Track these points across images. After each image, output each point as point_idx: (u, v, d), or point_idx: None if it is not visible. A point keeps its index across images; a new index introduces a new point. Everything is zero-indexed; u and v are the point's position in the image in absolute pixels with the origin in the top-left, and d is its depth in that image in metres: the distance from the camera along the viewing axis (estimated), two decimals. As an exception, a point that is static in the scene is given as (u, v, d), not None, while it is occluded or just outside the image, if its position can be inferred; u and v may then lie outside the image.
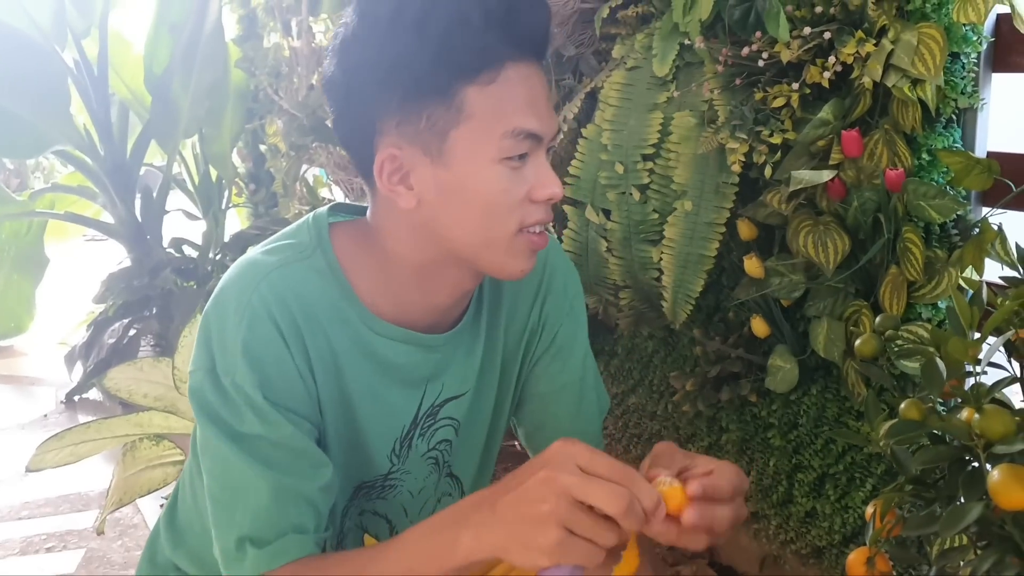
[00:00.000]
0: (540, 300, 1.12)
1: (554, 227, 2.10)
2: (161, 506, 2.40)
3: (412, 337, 1.00)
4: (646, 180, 1.84)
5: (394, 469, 1.06)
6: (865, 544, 0.90)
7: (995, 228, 1.23)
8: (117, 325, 3.24)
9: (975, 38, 1.34)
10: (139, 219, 3.58)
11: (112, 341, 3.16)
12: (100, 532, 1.85)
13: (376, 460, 1.04)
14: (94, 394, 3.38)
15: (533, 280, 1.12)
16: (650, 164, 1.83)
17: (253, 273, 0.94)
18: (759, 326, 1.69)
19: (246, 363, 0.91)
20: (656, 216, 1.86)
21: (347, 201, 3.27)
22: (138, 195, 3.60)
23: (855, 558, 0.90)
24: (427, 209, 0.93)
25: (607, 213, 1.95)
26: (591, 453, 0.76)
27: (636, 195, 1.86)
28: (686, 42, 1.73)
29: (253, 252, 0.98)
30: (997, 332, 0.87)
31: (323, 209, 1.02)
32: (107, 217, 3.68)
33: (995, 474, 0.74)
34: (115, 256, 3.75)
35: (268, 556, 0.90)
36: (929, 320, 1.44)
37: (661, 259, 1.86)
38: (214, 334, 0.93)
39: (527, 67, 0.91)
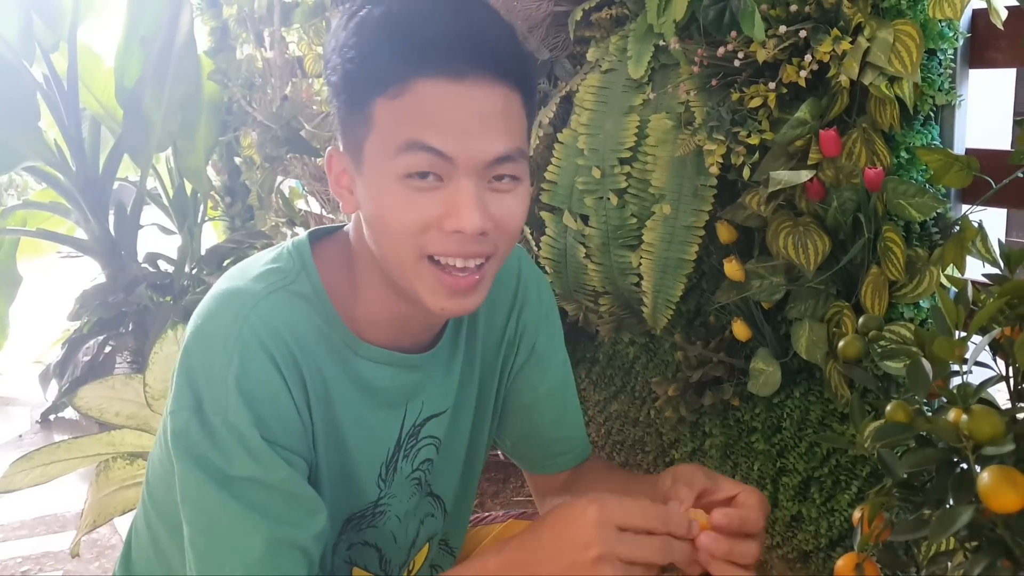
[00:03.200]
0: (516, 311, 1.11)
1: (532, 234, 2.08)
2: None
3: (394, 358, 0.98)
4: (623, 184, 1.83)
5: (382, 495, 1.03)
6: (853, 549, 0.89)
7: (975, 225, 1.22)
8: (92, 342, 3.19)
9: (951, 34, 1.33)
10: (113, 235, 3.53)
11: (87, 359, 3.12)
12: (75, 555, 1.81)
13: (366, 488, 1.01)
14: (70, 413, 3.33)
15: (508, 292, 1.10)
16: (627, 168, 1.82)
17: (240, 303, 0.89)
18: (740, 329, 1.67)
19: (240, 400, 0.85)
20: (634, 221, 1.84)
21: (324, 212, 3.27)
22: (111, 210, 3.55)
23: (844, 564, 0.88)
24: (365, 220, 0.91)
25: (585, 219, 1.93)
26: (622, 510, 0.78)
27: (614, 200, 1.84)
28: (661, 43, 1.71)
29: (232, 280, 0.93)
30: (982, 331, 0.86)
31: (302, 234, 0.99)
32: (81, 233, 3.63)
33: (985, 476, 0.72)
34: (89, 273, 3.70)
35: None
36: (911, 320, 1.43)
37: (640, 264, 1.84)
38: (199, 371, 0.87)
39: (446, 85, 0.83)
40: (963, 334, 0.86)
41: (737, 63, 1.52)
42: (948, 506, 0.77)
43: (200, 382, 0.87)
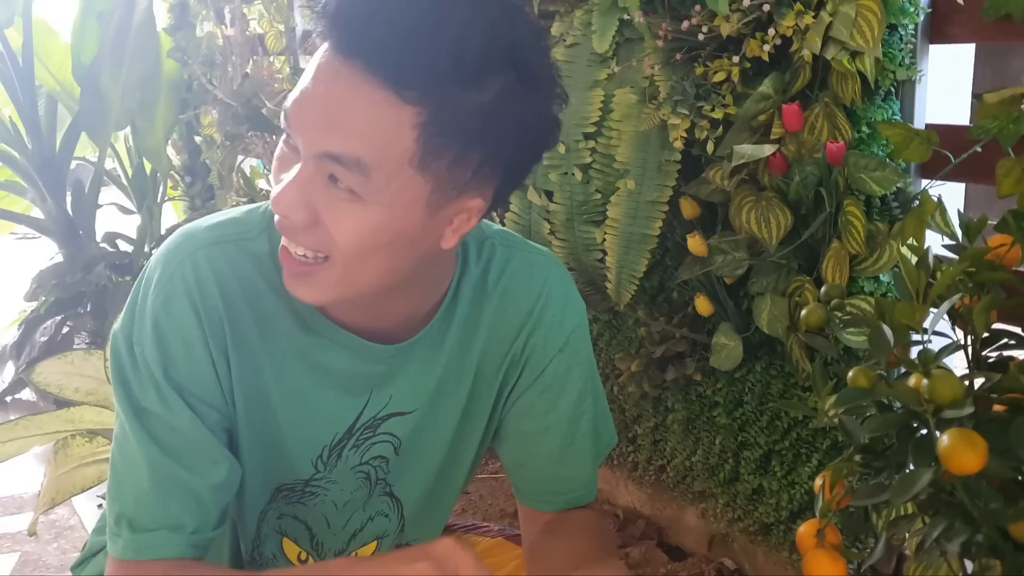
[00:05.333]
0: (527, 331, 1.00)
1: (497, 212, 2.07)
2: (100, 507, 2.34)
3: (354, 343, 0.93)
4: (588, 159, 1.83)
5: (317, 476, 0.99)
6: (815, 517, 0.89)
7: (935, 200, 1.23)
8: (49, 323, 3.14)
9: (912, 9, 1.34)
10: (71, 214, 3.47)
11: (44, 339, 3.07)
12: (32, 534, 1.78)
13: (297, 464, 0.98)
14: (27, 394, 3.27)
15: (523, 307, 1.00)
16: (592, 143, 1.82)
17: (184, 246, 0.89)
18: (703, 305, 1.68)
19: (154, 339, 0.87)
20: (599, 196, 1.84)
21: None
22: (69, 190, 3.49)
23: (805, 530, 0.89)
24: None
25: (549, 195, 1.93)
26: (477, 565, 0.75)
27: (578, 175, 1.84)
28: (625, 17, 1.71)
29: (199, 222, 0.92)
30: (941, 300, 0.87)
31: None
32: (37, 213, 3.57)
33: (944, 439, 0.73)
34: (47, 253, 3.64)
35: (137, 545, 0.87)
36: (872, 293, 1.44)
37: (605, 240, 1.85)
38: (139, 300, 0.89)
39: (328, 55, 0.77)
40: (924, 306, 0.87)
41: (701, 37, 1.52)
42: (908, 470, 0.78)
43: (135, 311, 0.89)
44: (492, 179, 0.84)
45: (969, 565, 0.79)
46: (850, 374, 0.84)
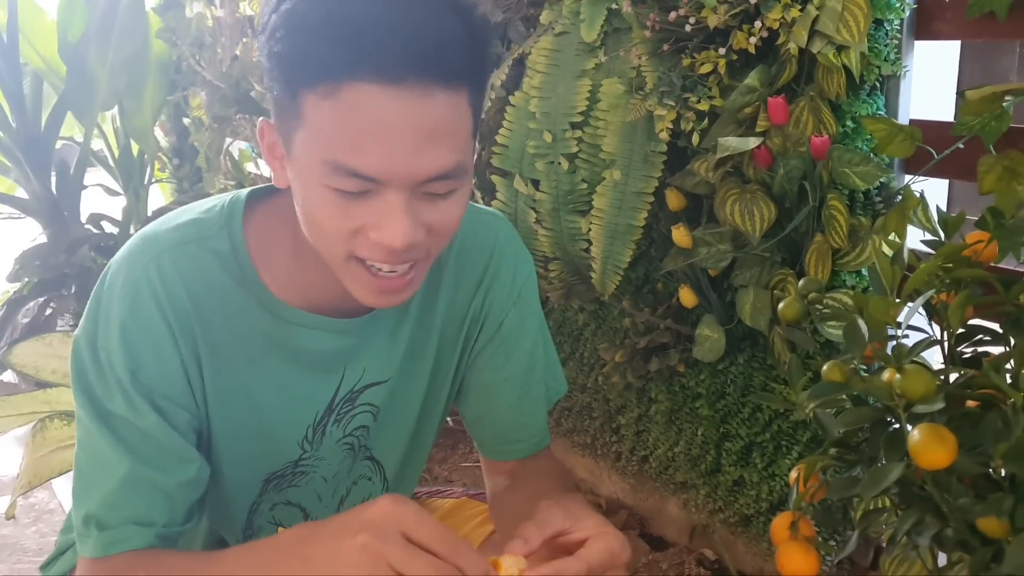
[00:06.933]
0: (484, 288, 1.05)
1: (483, 198, 2.07)
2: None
3: (321, 322, 0.95)
4: (575, 149, 1.83)
5: (305, 456, 1.02)
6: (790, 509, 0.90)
7: (917, 195, 1.23)
8: (32, 304, 3.12)
9: (898, 5, 1.34)
10: (55, 194, 3.45)
11: (27, 320, 3.05)
12: (11, 516, 1.78)
13: (285, 448, 1.01)
14: (8, 376, 3.26)
15: (477, 267, 1.05)
16: (579, 132, 1.81)
17: (146, 250, 0.90)
18: (687, 296, 1.68)
19: (120, 344, 0.87)
20: (585, 186, 1.84)
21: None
22: (54, 170, 3.47)
23: (779, 522, 0.90)
24: (297, 204, 0.87)
25: (536, 184, 1.93)
26: (418, 519, 0.72)
27: (565, 164, 1.84)
28: (614, 7, 1.71)
29: (156, 225, 0.93)
30: (916, 295, 0.87)
31: (245, 189, 0.96)
32: (21, 193, 3.54)
33: (915, 434, 0.73)
34: (30, 233, 3.62)
35: (106, 541, 0.88)
36: (853, 287, 1.45)
37: (590, 230, 1.85)
38: (102, 306, 0.90)
39: (379, 90, 0.75)
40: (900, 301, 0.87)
41: (688, 28, 1.52)
42: (880, 464, 0.79)
43: (100, 316, 0.90)
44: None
45: (943, 558, 0.80)
46: (824, 368, 0.85)
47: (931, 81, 1.46)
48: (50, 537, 2.19)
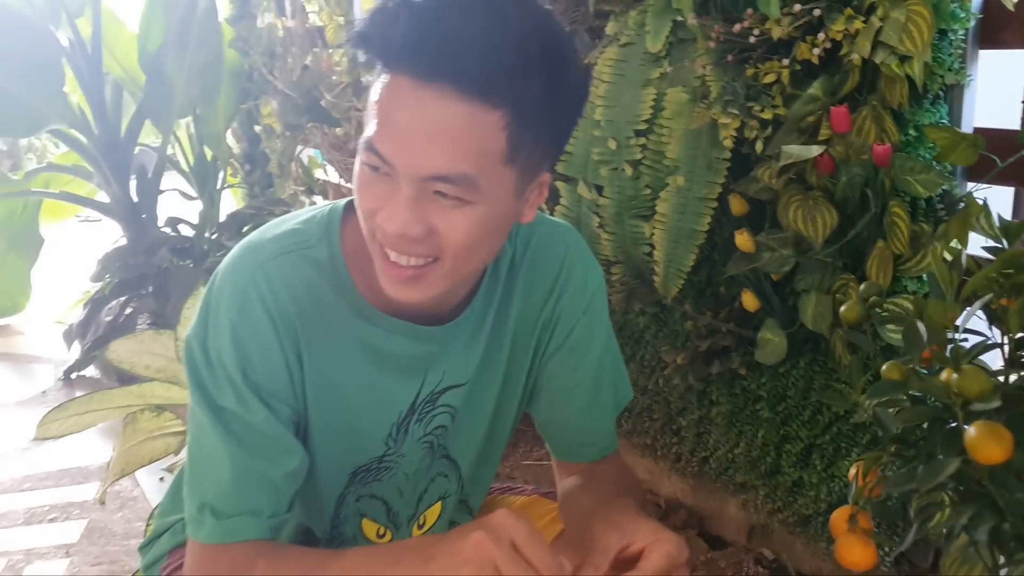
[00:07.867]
0: (555, 296, 1.10)
1: (547, 204, 2.12)
2: (161, 479, 2.44)
3: (407, 328, 1.01)
4: (639, 156, 1.87)
5: (389, 452, 1.09)
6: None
7: (980, 203, 1.25)
8: (114, 303, 3.25)
9: (963, 15, 1.36)
10: (134, 199, 3.58)
11: (109, 319, 3.18)
12: (102, 502, 1.88)
13: (371, 445, 1.07)
14: (91, 371, 3.40)
15: (548, 277, 1.10)
16: (643, 140, 1.86)
17: (252, 258, 0.97)
18: (749, 300, 1.71)
19: (232, 345, 0.94)
20: (648, 191, 1.88)
21: (342, 182, 3.31)
22: (133, 175, 3.60)
23: (838, 515, 0.93)
24: None
25: (599, 189, 1.97)
26: (530, 535, 0.79)
27: (628, 171, 1.88)
28: (679, 19, 1.75)
29: (260, 234, 1.00)
30: (975, 298, 0.90)
31: (343, 200, 1.03)
32: (102, 197, 3.69)
33: (972, 431, 0.77)
34: (111, 236, 3.76)
35: (222, 530, 0.95)
36: (915, 293, 1.47)
37: (653, 234, 1.89)
38: (211, 309, 0.97)
39: (407, 84, 0.82)
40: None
41: (752, 39, 1.55)
42: (938, 459, 0.82)
43: (209, 319, 0.96)
44: (554, 152, 0.93)
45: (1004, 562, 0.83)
46: (884, 367, 0.88)
47: (998, 89, 1.47)
48: (135, 523, 2.30)
